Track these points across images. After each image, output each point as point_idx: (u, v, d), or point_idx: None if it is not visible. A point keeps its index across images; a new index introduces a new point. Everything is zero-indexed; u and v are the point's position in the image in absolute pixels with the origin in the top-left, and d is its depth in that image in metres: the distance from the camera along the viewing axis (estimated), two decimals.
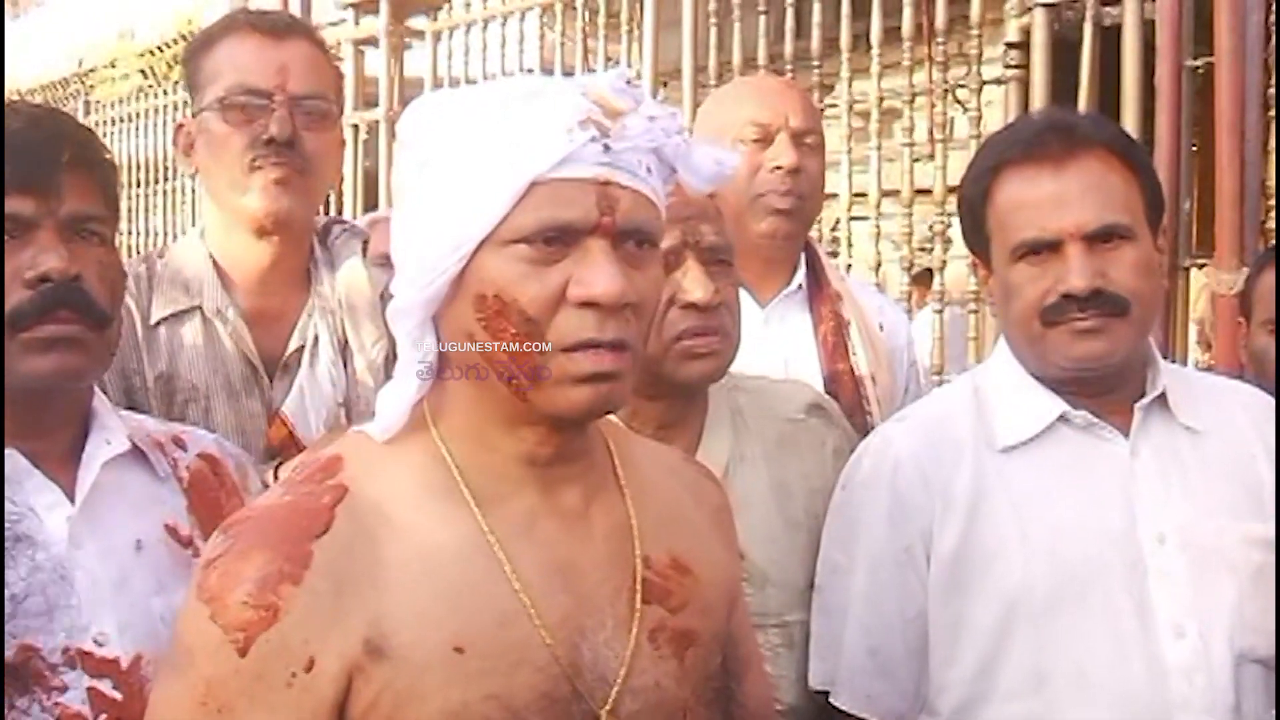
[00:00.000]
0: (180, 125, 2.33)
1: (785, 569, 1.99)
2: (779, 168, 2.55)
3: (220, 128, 2.21)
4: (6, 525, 1.56)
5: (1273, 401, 2.03)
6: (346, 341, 2.31)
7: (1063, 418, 1.93)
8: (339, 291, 2.33)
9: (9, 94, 7.84)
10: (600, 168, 1.28)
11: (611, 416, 1.44)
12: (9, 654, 1.52)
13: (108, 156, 1.71)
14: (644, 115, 1.32)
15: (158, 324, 2.21)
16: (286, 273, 2.30)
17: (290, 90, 2.21)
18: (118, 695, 1.57)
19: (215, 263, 2.27)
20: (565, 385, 1.29)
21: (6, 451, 1.58)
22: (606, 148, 1.28)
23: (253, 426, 2.19)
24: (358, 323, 2.32)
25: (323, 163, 2.28)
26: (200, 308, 2.23)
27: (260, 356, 2.23)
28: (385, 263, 3.89)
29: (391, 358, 2.26)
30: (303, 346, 2.27)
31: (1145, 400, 1.93)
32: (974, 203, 1.97)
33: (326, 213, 6.24)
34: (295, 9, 4.88)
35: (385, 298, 2.33)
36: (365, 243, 2.42)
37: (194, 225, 2.40)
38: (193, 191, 7.16)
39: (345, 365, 2.29)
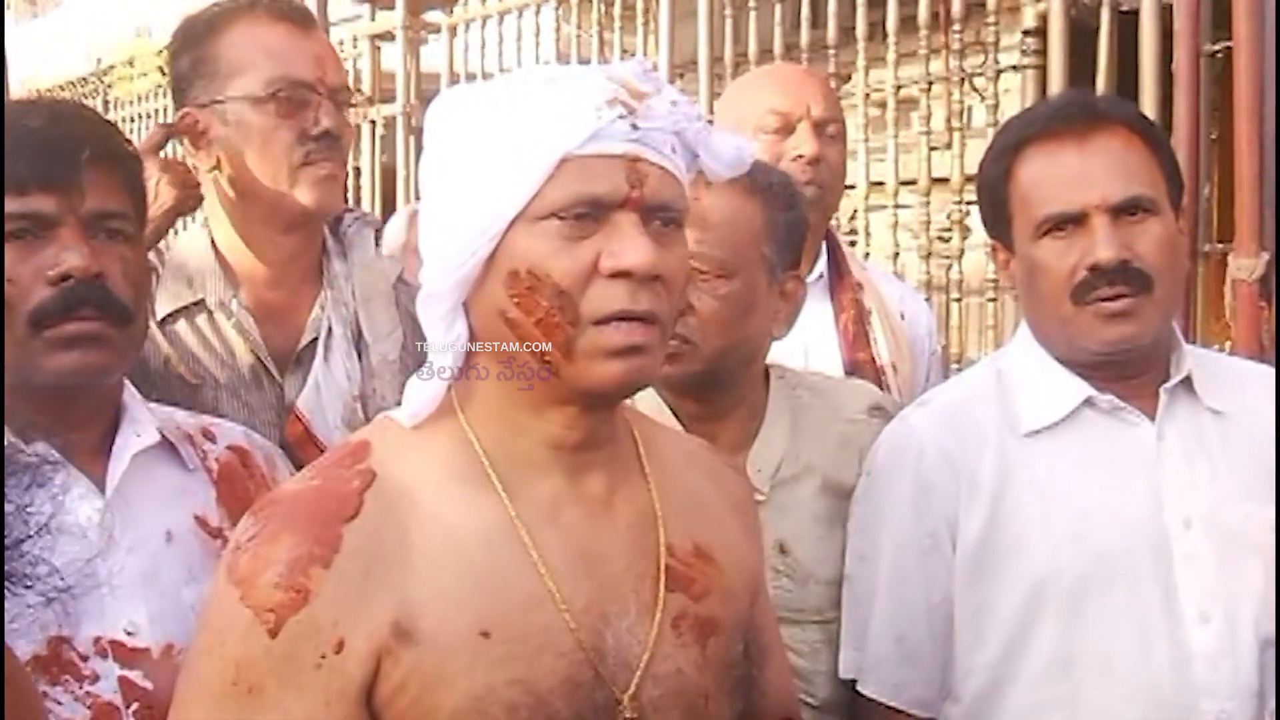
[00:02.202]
0: (185, 114, 2.21)
1: (829, 567, 2.00)
2: (800, 157, 2.55)
3: (264, 120, 2.13)
4: (38, 517, 1.56)
5: None
6: (361, 333, 2.26)
7: (1088, 401, 1.92)
8: (353, 282, 2.29)
9: (30, 93, 7.87)
10: (628, 144, 1.31)
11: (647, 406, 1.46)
12: (40, 646, 1.53)
13: (131, 150, 1.71)
14: (667, 99, 1.35)
15: (163, 320, 2.15)
16: (301, 266, 2.26)
17: (329, 82, 2.18)
18: (149, 685, 1.58)
19: (219, 254, 2.21)
20: (598, 359, 1.31)
21: (38, 444, 1.60)
22: (634, 126, 1.31)
23: (263, 421, 2.13)
24: (372, 314, 2.27)
25: (349, 156, 2.28)
26: (204, 301, 2.18)
27: (270, 350, 2.18)
28: None
29: (406, 350, 2.25)
30: (316, 339, 2.21)
31: (1170, 384, 1.93)
32: (995, 182, 1.97)
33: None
34: (311, 4, 4.88)
35: (398, 287, 2.31)
36: (378, 232, 2.39)
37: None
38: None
39: (360, 358, 2.24)
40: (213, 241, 2.23)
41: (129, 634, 1.59)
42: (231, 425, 1.92)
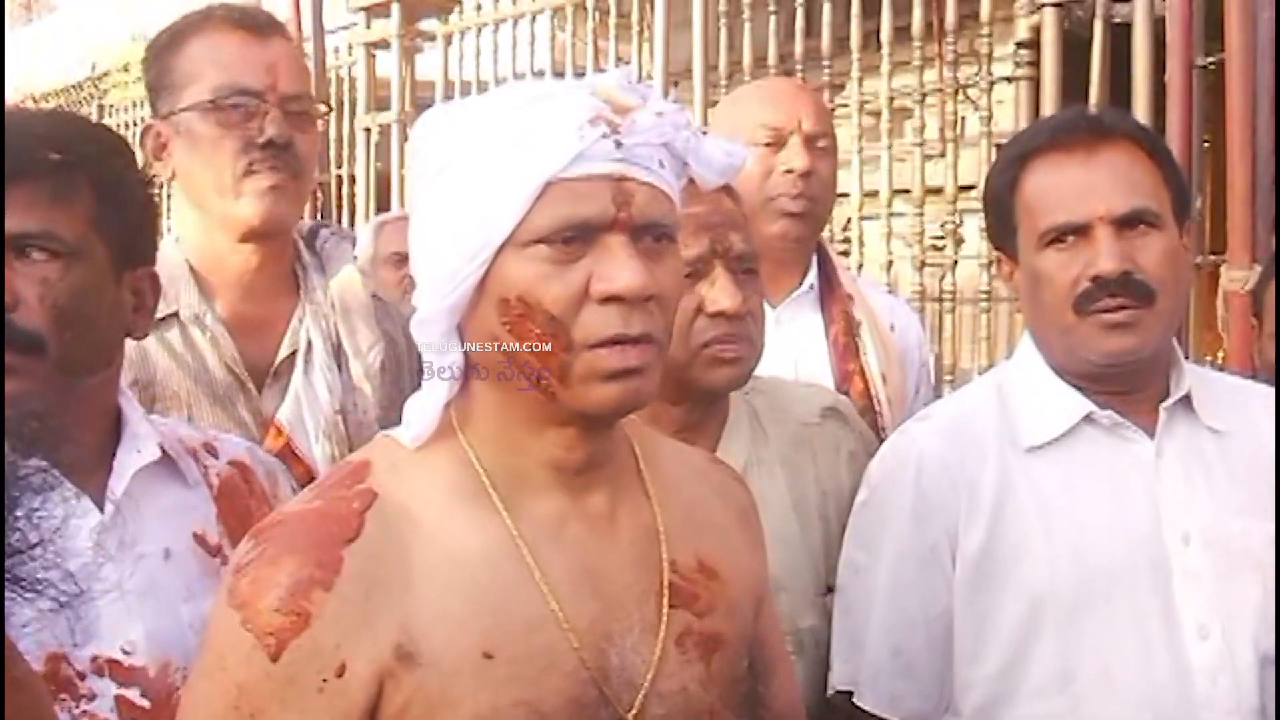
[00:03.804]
0: (149, 127, 2.19)
1: (797, 575, 1.99)
2: (791, 171, 2.56)
3: (209, 130, 2.11)
4: (50, 521, 1.54)
5: None
6: (341, 346, 2.23)
7: (1088, 418, 1.93)
8: (332, 295, 2.26)
9: (23, 99, 7.86)
10: (613, 163, 1.29)
11: (634, 417, 1.46)
12: (38, 664, 1.50)
13: (60, 159, 1.59)
14: (652, 111, 1.33)
15: None
16: (271, 278, 2.23)
17: (281, 90, 2.14)
18: (146, 703, 1.57)
19: (192, 268, 2.17)
20: (593, 382, 1.30)
21: (36, 461, 1.58)
22: (618, 144, 1.29)
23: (241, 436, 2.07)
24: (353, 327, 2.25)
25: (310, 165, 2.22)
26: (177, 314, 2.14)
27: (247, 364, 2.15)
28: (397, 261, 3.92)
29: (388, 363, 2.25)
30: (295, 353, 2.19)
31: (1170, 401, 1.94)
32: (1000, 194, 1.98)
33: (339, 215, 6.28)
34: (306, 12, 4.90)
35: (376, 300, 2.30)
36: (354, 245, 2.37)
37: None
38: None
39: (340, 371, 2.22)
40: (184, 255, 2.20)
41: (126, 652, 1.58)
42: (234, 440, 1.91)
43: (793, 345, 2.58)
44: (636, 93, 1.33)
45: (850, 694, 1.97)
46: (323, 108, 2.30)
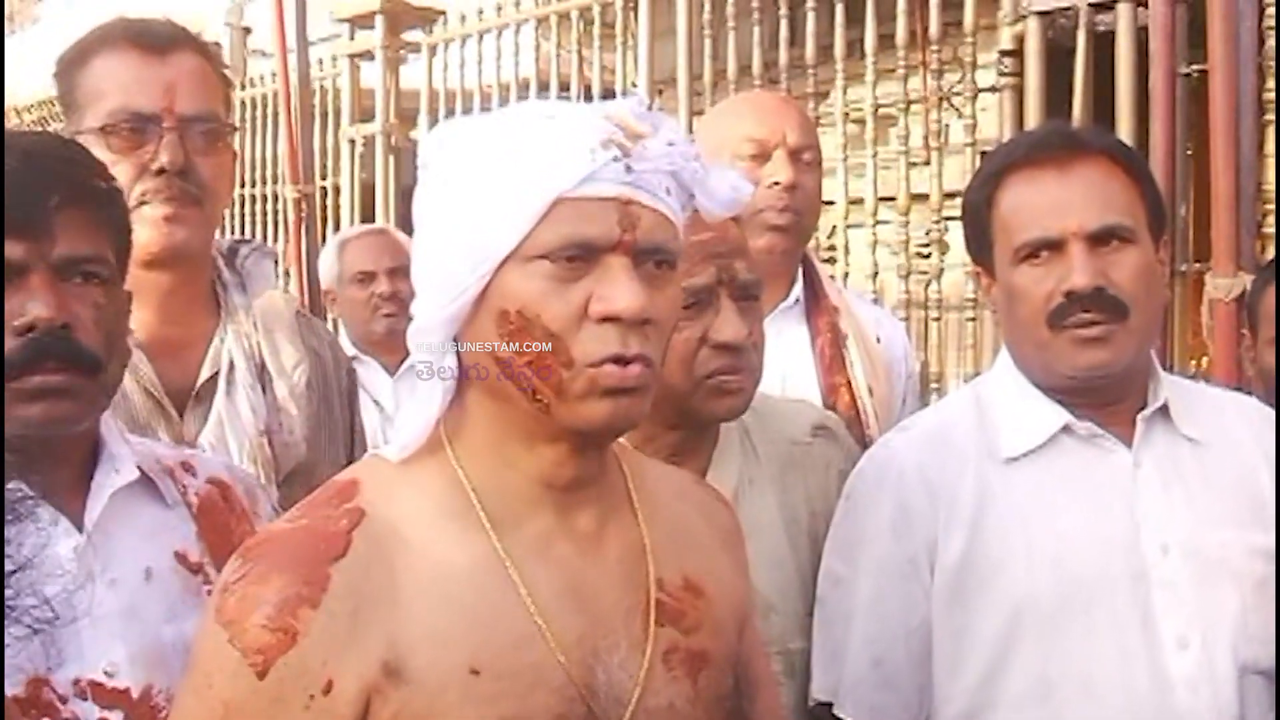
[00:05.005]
0: None
1: (789, 596, 1.98)
2: (776, 184, 2.57)
3: (104, 155, 1.96)
4: (25, 550, 1.54)
5: (1273, 413, 2.04)
6: (265, 366, 2.18)
7: (1066, 429, 1.94)
8: (254, 314, 2.20)
9: (5, 111, 7.82)
10: (622, 187, 1.31)
11: (623, 441, 1.46)
12: (19, 688, 1.50)
13: (108, 187, 1.65)
14: (664, 139, 1.35)
15: None
16: (188, 299, 2.16)
17: (179, 111, 2.05)
18: None
19: None
20: (588, 399, 1.31)
21: (15, 484, 1.58)
22: (629, 168, 1.31)
23: None
24: (276, 346, 2.20)
25: (218, 187, 2.14)
26: None
27: (167, 387, 2.08)
28: (362, 279, 3.86)
29: (315, 381, 2.21)
30: (217, 374, 2.13)
31: (1147, 411, 1.95)
32: (978, 209, 2.00)
33: (324, 227, 6.26)
34: (290, 25, 4.87)
35: (300, 318, 2.26)
36: (277, 262, 2.32)
37: None
38: None
39: (265, 392, 2.16)
40: None
41: (108, 674, 1.57)
42: (212, 457, 1.90)
43: (779, 358, 2.57)
44: (649, 120, 1.35)
45: (830, 705, 1.97)
46: (232, 126, 2.20)
